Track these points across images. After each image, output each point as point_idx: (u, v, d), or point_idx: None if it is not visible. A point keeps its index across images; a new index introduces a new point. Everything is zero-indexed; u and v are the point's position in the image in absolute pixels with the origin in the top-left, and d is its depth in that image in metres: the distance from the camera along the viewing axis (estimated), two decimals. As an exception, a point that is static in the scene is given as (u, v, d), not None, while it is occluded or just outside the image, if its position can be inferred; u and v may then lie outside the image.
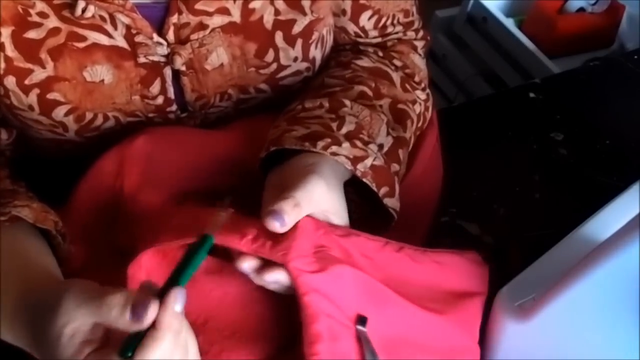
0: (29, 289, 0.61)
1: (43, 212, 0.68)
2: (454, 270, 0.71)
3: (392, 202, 0.72)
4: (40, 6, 0.70)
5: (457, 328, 0.67)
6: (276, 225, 0.61)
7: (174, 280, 0.54)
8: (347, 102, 0.76)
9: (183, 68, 0.76)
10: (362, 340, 0.60)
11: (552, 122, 1.04)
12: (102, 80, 0.74)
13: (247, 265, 0.61)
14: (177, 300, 0.52)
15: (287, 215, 0.61)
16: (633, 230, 0.58)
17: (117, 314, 0.51)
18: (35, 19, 0.70)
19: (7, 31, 0.70)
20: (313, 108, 0.76)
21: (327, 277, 0.60)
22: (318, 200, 0.64)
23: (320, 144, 0.69)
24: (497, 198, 0.93)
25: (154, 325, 0.51)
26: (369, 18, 0.84)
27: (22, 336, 0.59)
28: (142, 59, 0.74)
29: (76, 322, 0.53)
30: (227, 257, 0.65)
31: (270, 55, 0.79)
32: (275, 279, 0.61)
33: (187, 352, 0.54)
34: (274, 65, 0.80)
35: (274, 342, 0.65)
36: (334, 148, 0.70)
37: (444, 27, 1.95)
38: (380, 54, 0.86)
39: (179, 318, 0.52)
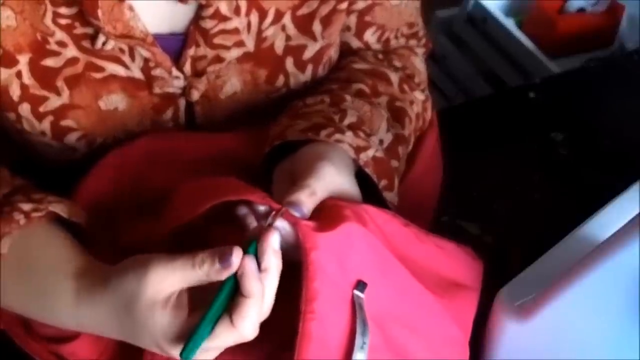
0: (88, 272, 0.61)
1: (74, 207, 0.68)
2: (453, 258, 0.71)
3: (391, 197, 0.72)
4: (60, 35, 0.69)
5: (452, 317, 0.67)
6: (297, 215, 0.61)
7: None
8: (348, 97, 0.77)
9: (198, 99, 0.76)
10: (356, 307, 0.60)
11: (552, 122, 1.04)
12: (116, 108, 0.75)
13: (261, 209, 0.62)
14: (253, 263, 0.56)
15: (305, 205, 0.62)
16: (633, 230, 0.58)
17: (208, 266, 0.55)
18: (54, 47, 0.70)
19: (24, 58, 0.69)
20: (314, 103, 0.76)
21: (336, 235, 0.60)
22: (331, 185, 0.64)
23: (324, 132, 0.70)
24: (497, 198, 0.93)
25: (242, 293, 0.55)
26: (373, 33, 0.85)
27: (92, 319, 0.60)
28: (157, 90, 0.74)
29: (169, 289, 0.56)
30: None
31: (280, 81, 0.79)
32: (283, 226, 0.61)
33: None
34: (284, 90, 0.80)
35: (273, 342, 0.65)
36: (337, 136, 0.70)
37: (444, 27, 1.95)
38: (380, 56, 0.86)
39: (260, 279, 0.56)
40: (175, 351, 0.55)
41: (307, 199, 0.62)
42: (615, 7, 1.78)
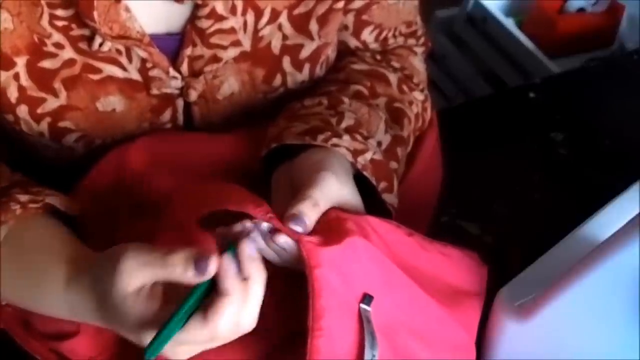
0: (79, 259, 0.62)
1: (70, 201, 0.68)
2: (458, 264, 0.71)
3: (390, 198, 0.72)
4: (57, 37, 0.69)
5: (458, 324, 0.67)
6: (299, 229, 0.61)
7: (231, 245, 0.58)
8: (346, 100, 0.76)
9: (196, 99, 0.76)
10: (363, 320, 0.60)
11: (552, 122, 1.04)
12: (114, 109, 0.75)
13: (264, 225, 0.61)
14: (231, 263, 0.55)
15: (308, 217, 0.61)
16: (633, 230, 0.58)
17: (181, 270, 0.54)
18: (51, 49, 0.70)
19: (22, 60, 0.70)
20: (312, 105, 0.76)
21: (340, 249, 0.60)
22: (333, 195, 0.64)
23: (321, 136, 0.69)
24: (497, 198, 0.93)
25: (218, 291, 0.54)
26: (371, 32, 0.85)
27: (80, 304, 0.60)
28: (154, 91, 0.74)
29: (139, 281, 0.55)
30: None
31: (277, 80, 0.79)
32: (286, 242, 0.60)
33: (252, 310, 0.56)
34: (281, 90, 0.80)
35: (271, 341, 0.65)
36: (335, 140, 0.70)
37: (444, 27, 1.95)
38: (378, 57, 0.86)
39: (239, 279, 0.55)
40: (147, 340, 0.54)
41: (310, 210, 0.61)
42: (615, 7, 1.78)
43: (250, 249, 0.57)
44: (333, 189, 0.64)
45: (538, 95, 1.09)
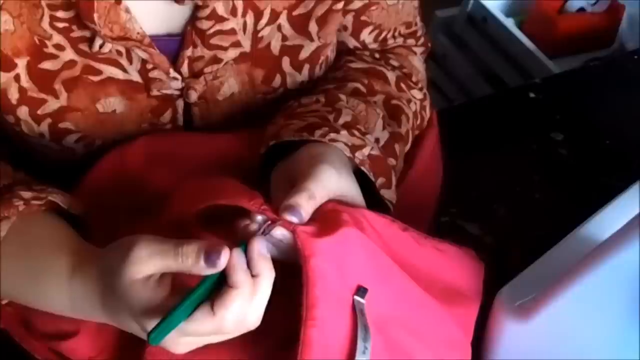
0: (83, 252, 0.62)
1: (74, 199, 0.68)
2: (454, 261, 0.70)
3: (388, 194, 0.72)
4: (57, 38, 0.70)
5: (453, 321, 0.67)
6: (295, 220, 0.61)
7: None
8: (343, 97, 0.77)
9: (196, 100, 0.76)
10: (356, 312, 0.60)
11: (552, 122, 1.04)
12: (114, 111, 0.75)
13: (260, 218, 0.61)
14: (242, 257, 0.56)
15: (304, 209, 0.61)
16: (633, 230, 0.58)
17: (192, 261, 0.55)
18: (52, 50, 0.70)
19: (22, 62, 0.70)
20: (309, 103, 0.76)
21: (334, 240, 0.60)
22: (330, 188, 0.64)
23: (318, 132, 0.69)
24: (497, 198, 0.93)
25: (228, 284, 0.55)
26: (370, 33, 0.85)
27: (83, 295, 0.60)
28: (155, 92, 0.74)
29: (149, 270, 0.56)
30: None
31: (277, 81, 0.79)
32: (282, 233, 0.61)
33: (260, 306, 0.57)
34: (281, 90, 0.80)
35: (269, 342, 0.65)
36: (332, 135, 0.69)
37: (444, 27, 1.95)
38: (377, 55, 0.86)
39: (248, 274, 0.56)
40: (151, 327, 0.55)
41: (306, 202, 0.61)
42: (615, 7, 1.77)
43: (262, 247, 0.58)
44: (331, 182, 0.64)
45: (538, 95, 1.09)
